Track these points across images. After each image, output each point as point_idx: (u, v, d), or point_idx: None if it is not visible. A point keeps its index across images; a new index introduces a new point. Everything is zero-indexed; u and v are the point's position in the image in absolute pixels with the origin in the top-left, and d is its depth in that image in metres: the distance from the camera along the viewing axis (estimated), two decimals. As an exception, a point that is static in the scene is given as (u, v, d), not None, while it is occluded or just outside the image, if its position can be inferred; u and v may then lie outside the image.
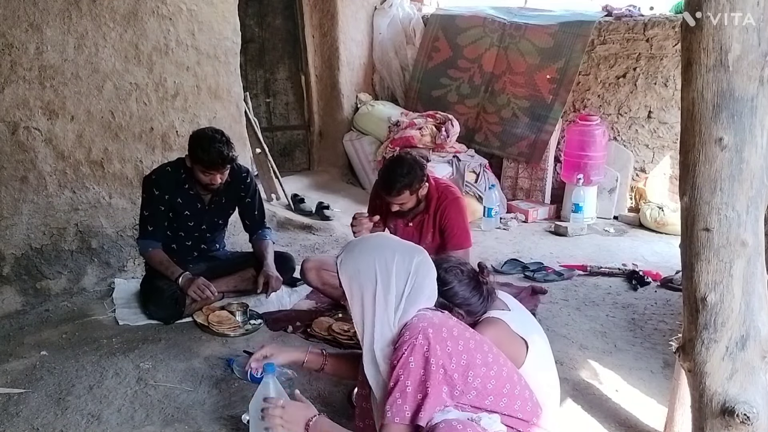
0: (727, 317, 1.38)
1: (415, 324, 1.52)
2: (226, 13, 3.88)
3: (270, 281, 3.01)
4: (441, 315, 1.60)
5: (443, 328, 1.52)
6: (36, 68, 2.95)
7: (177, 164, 2.99)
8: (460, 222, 2.91)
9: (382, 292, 1.56)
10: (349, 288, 1.60)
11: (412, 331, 1.50)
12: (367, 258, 1.60)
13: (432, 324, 1.51)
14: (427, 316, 1.55)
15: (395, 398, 1.48)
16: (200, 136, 2.85)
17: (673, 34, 4.60)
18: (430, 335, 1.48)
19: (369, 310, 1.57)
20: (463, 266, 1.94)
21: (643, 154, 4.94)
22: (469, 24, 5.35)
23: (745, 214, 1.35)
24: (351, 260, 1.62)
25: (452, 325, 1.56)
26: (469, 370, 1.51)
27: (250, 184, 3.16)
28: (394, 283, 1.57)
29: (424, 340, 1.47)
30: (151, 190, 2.93)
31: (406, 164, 2.76)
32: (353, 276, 1.60)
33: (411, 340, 1.48)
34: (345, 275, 1.61)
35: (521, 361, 1.83)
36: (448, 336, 1.51)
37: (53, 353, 2.62)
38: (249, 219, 3.22)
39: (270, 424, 1.65)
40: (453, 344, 1.50)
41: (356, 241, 1.74)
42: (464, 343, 1.53)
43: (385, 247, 1.64)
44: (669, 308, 3.17)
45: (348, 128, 5.50)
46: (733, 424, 1.38)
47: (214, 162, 2.79)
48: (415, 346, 1.47)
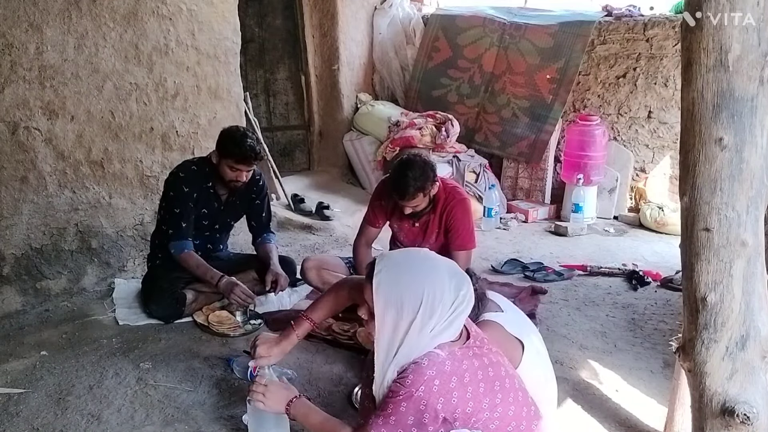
0: (727, 317, 1.38)
1: (422, 370, 1.42)
2: (226, 13, 3.88)
3: (279, 279, 3.01)
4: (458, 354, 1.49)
5: (453, 377, 1.43)
6: (36, 68, 2.95)
7: (200, 162, 3.01)
8: (466, 223, 2.91)
9: (420, 324, 1.45)
10: (383, 310, 1.47)
11: (417, 378, 1.41)
12: (415, 289, 1.45)
13: (441, 373, 1.42)
14: (439, 361, 1.44)
15: (378, 420, 1.46)
16: (232, 131, 2.90)
17: (673, 34, 4.60)
18: (435, 388, 1.41)
19: (399, 337, 1.47)
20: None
21: (643, 154, 4.94)
22: (469, 24, 5.35)
23: (745, 214, 1.35)
24: (394, 285, 1.47)
25: (465, 370, 1.46)
26: (473, 416, 1.46)
27: (262, 186, 3.19)
28: (436, 316, 1.46)
29: (425, 393, 1.40)
30: (181, 188, 2.92)
31: (418, 167, 2.74)
32: (393, 302, 1.45)
33: (410, 388, 1.41)
34: (381, 299, 1.47)
35: (517, 362, 1.83)
36: (456, 386, 1.43)
37: (53, 353, 2.62)
38: (256, 221, 3.23)
39: (253, 400, 1.71)
40: (460, 393, 1.43)
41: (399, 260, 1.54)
42: (473, 390, 1.46)
43: (435, 277, 1.48)
44: (669, 308, 3.17)
45: (348, 128, 5.50)
46: (733, 424, 1.39)
47: (247, 156, 2.82)
48: (413, 397, 1.41)
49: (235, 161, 2.84)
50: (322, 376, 2.46)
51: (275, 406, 1.71)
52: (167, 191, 2.99)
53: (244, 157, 2.83)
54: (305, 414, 1.69)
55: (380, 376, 1.50)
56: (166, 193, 2.99)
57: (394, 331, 1.47)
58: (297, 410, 1.69)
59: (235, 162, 2.85)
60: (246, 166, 2.87)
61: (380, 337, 1.49)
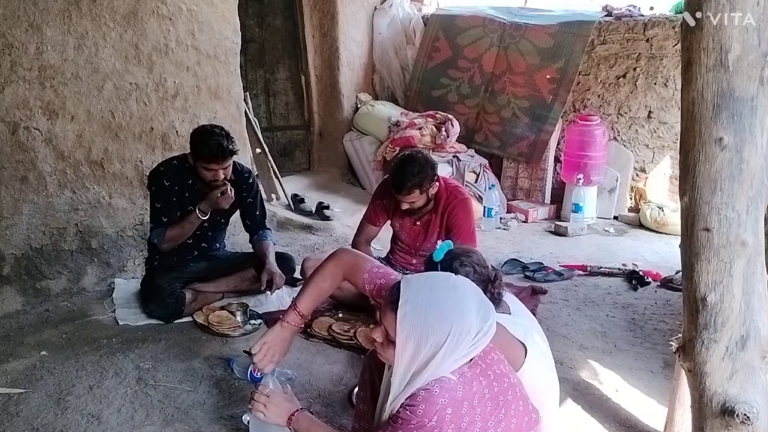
0: (727, 317, 1.38)
1: (435, 399, 1.38)
2: (226, 13, 3.88)
3: (274, 278, 3.01)
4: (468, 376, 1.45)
5: (464, 403, 1.40)
6: (36, 68, 2.95)
7: (182, 159, 3.00)
8: (468, 223, 2.91)
9: (442, 358, 1.39)
10: (405, 341, 1.40)
11: (429, 408, 1.37)
12: (443, 325, 1.38)
13: (453, 401, 1.39)
14: (451, 387, 1.41)
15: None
16: (199, 131, 2.87)
17: (673, 34, 4.60)
18: (447, 417, 1.37)
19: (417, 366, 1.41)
20: (479, 266, 1.90)
21: (643, 154, 4.94)
22: (469, 24, 5.35)
23: (745, 214, 1.35)
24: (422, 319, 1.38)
25: (474, 392, 1.43)
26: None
27: (252, 184, 3.17)
28: (459, 350, 1.40)
29: (437, 423, 1.36)
30: (161, 182, 2.92)
31: (417, 163, 2.75)
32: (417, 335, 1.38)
33: (423, 418, 1.37)
34: (407, 330, 1.39)
35: (520, 364, 1.82)
36: (467, 411, 1.40)
37: (53, 353, 2.62)
38: (250, 219, 3.22)
39: (253, 411, 1.67)
40: (471, 417, 1.40)
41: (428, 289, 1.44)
42: (482, 410, 1.43)
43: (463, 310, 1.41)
44: (669, 308, 3.17)
45: (348, 128, 5.50)
46: (733, 424, 1.38)
47: (214, 154, 2.78)
48: (425, 428, 1.37)
49: (205, 161, 2.81)
50: (322, 376, 2.46)
51: (276, 419, 1.66)
52: (149, 186, 2.99)
53: (212, 156, 2.79)
54: (307, 428, 1.64)
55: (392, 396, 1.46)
56: (149, 189, 3.00)
57: (413, 361, 1.41)
58: (299, 424, 1.64)
59: (206, 162, 2.81)
60: (217, 164, 2.82)
61: (398, 365, 1.43)
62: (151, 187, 2.97)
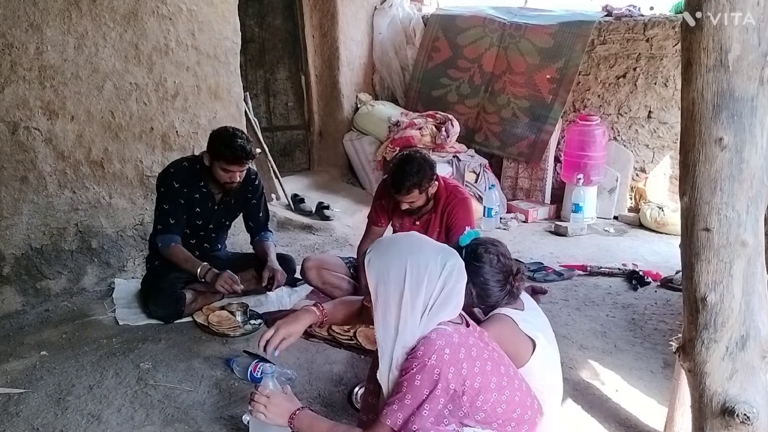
0: (727, 317, 1.38)
1: (432, 341, 1.46)
2: (226, 13, 3.88)
3: (275, 275, 3.02)
4: (462, 331, 1.54)
5: (462, 348, 1.47)
6: (36, 68, 2.95)
7: (192, 160, 3.01)
8: (467, 222, 2.91)
9: (410, 297, 1.48)
10: (375, 289, 1.52)
11: (428, 348, 1.44)
12: (399, 260, 1.50)
13: (450, 343, 1.46)
14: (447, 333, 1.48)
15: (392, 404, 1.47)
16: (222, 133, 2.89)
17: (673, 34, 4.60)
18: (446, 356, 1.43)
19: (393, 314, 1.50)
20: (503, 257, 1.93)
21: (643, 154, 4.94)
22: (469, 24, 5.35)
23: (745, 214, 1.35)
24: (381, 260, 1.53)
25: (471, 344, 1.51)
26: (481, 394, 1.48)
27: (257, 186, 3.18)
28: (423, 290, 1.48)
29: (437, 362, 1.42)
30: (171, 183, 2.93)
31: (416, 163, 2.75)
32: (381, 277, 1.51)
33: (423, 357, 1.43)
34: (372, 276, 1.52)
35: (526, 359, 1.82)
36: (465, 357, 1.46)
37: (53, 353, 2.62)
38: (253, 221, 3.23)
39: (254, 412, 1.66)
40: (469, 366, 1.46)
41: (388, 239, 1.66)
42: (481, 365, 1.48)
43: (419, 249, 1.54)
44: (669, 308, 3.17)
45: (348, 128, 5.50)
46: (733, 424, 1.38)
47: (238, 156, 2.81)
48: (426, 366, 1.43)
49: (226, 162, 2.83)
50: (322, 376, 2.46)
51: (277, 420, 1.66)
52: (158, 187, 2.99)
53: (235, 158, 2.82)
54: (309, 425, 1.64)
55: (387, 359, 1.51)
56: (158, 190, 3.00)
57: (388, 308, 1.50)
58: (300, 422, 1.64)
59: (227, 163, 2.84)
60: (238, 166, 2.86)
61: (377, 317, 1.53)
62: (160, 188, 2.97)
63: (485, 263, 1.89)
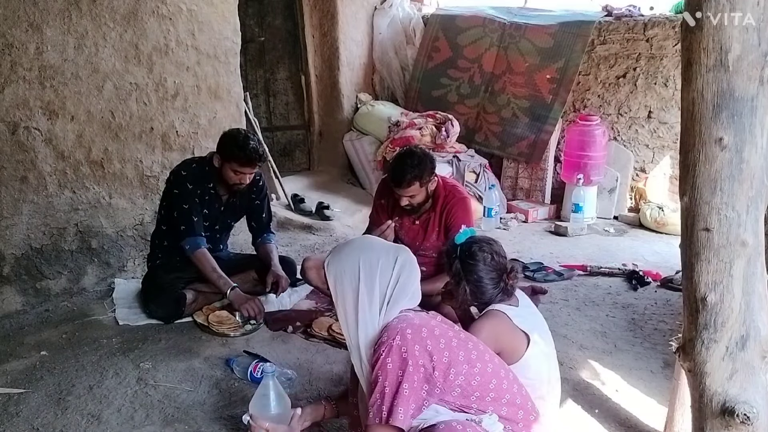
0: (727, 317, 1.38)
1: (394, 325, 1.53)
2: (226, 13, 3.88)
3: (279, 281, 3.02)
4: (423, 315, 1.61)
5: (423, 328, 1.52)
6: (36, 68, 2.95)
7: (200, 162, 3.02)
8: (467, 222, 2.91)
9: (366, 292, 1.57)
10: (334, 288, 1.62)
11: (391, 332, 1.51)
12: (352, 258, 1.62)
13: (411, 324, 1.52)
14: (408, 317, 1.56)
15: (375, 399, 1.50)
16: (234, 134, 2.90)
17: (673, 34, 4.60)
18: (408, 335, 1.49)
19: (352, 310, 1.58)
20: (497, 255, 1.96)
21: (643, 154, 4.94)
22: (469, 24, 5.35)
23: (745, 214, 1.35)
24: (336, 261, 1.64)
25: (434, 325, 1.57)
26: (451, 367, 1.52)
27: (262, 187, 3.20)
28: (377, 283, 1.58)
29: (401, 341, 1.48)
30: (185, 185, 2.92)
31: (416, 156, 2.77)
32: (338, 276, 1.61)
33: (388, 341, 1.49)
34: (331, 276, 1.63)
35: (521, 354, 1.84)
36: (428, 335, 1.52)
37: (53, 353, 2.62)
38: (256, 222, 3.23)
39: None
40: (433, 342, 1.51)
41: (343, 243, 1.76)
42: (446, 342, 1.53)
43: (369, 247, 1.67)
44: (669, 308, 3.17)
45: (348, 128, 5.50)
46: (733, 424, 1.38)
47: (251, 159, 2.83)
48: (393, 347, 1.48)
49: (239, 164, 2.85)
50: (322, 376, 2.46)
51: None
52: (171, 189, 2.97)
53: (248, 160, 2.84)
54: None
55: (356, 353, 1.59)
56: (170, 192, 2.98)
57: (347, 304, 1.60)
58: None
59: (240, 165, 2.85)
60: (250, 168, 2.88)
61: (339, 315, 1.63)
62: (174, 191, 2.95)
63: (479, 261, 1.92)
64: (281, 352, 2.65)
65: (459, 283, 1.94)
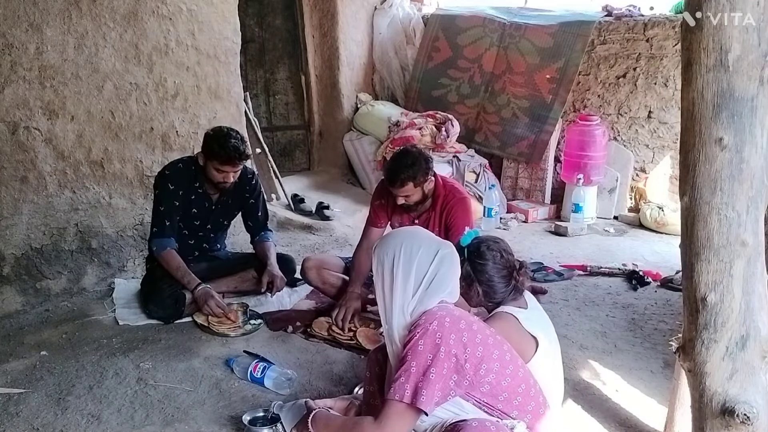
0: (727, 317, 1.38)
1: (434, 312, 1.58)
2: (226, 13, 3.88)
3: (275, 281, 3.02)
4: (463, 310, 1.65)
5: (462, 320, 1.57)
6: (36, 68, 2.95)
7: (188, 161, 3.01)
8: (466, 222, 2.91)
9: (402, 278, 1.63)
10: (376, 270, 1.69)
11: (429, 317, 1.57)
12: (395, 242, 1.69)
13: (451, 314, 1.57)
14: (448, 307, 1.62)
15: (399, 377, 1.53)
16: (216, 132, 2.89)
17: (673, 34, 4.60)
18: (447, 323, 1.54)
19: (389, 291, 1.64)
20: (505, 253, 1.96)
21: (643, 154, 4.94)
22: (469, 24, 5.35)
23: (745, 214, 1.35)
24: (383, 243, 1.72)
25: (473, 320, 1.61)
26: (483, 363, 1.55)
27: (255, 186, 3.18)
28: (414, 270, 1.63)
29: (438, 327, 1.53)
30: (165, 185, 2.93)
31: (411, 156, 2.76)
32: (380, 259, 1.68)
33: (425, 324, 1.54)
34: (376, 258, 1.70)
35: (529, 357, 1.83)
36: (466, 328, 1.56)
37: (53, 353, 2.61)
38: (252, 221, 3.22)
39: None
40: (470, 336, 1.55)
41: (395, 231, 1.86)
42: (482, 338, 1.57)
43: (414, 237, 1.72)
44: (669, 308, 3.17)
45: (348, 128, 5.50)
46: (733, 424, 1.39)
47: (231, 157, 2.81)
48: (428, 331, 1.53)
49: (219, 162, 2.83)
50: (322, 376, 2.46)
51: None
52: (154, 189, 3.00)
53: (228, 158, 2.82)
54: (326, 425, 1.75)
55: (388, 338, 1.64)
56: (154, 192, 3.00)
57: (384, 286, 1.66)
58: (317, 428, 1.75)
59: (220, 163, 2.84)
60: (231, 167, 2.86)
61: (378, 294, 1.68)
62: (156, 191, 2.98)
63: (489, 260, 1.91)
64: (281, 352, 2.65)
65: (471, 285, 1.91)
